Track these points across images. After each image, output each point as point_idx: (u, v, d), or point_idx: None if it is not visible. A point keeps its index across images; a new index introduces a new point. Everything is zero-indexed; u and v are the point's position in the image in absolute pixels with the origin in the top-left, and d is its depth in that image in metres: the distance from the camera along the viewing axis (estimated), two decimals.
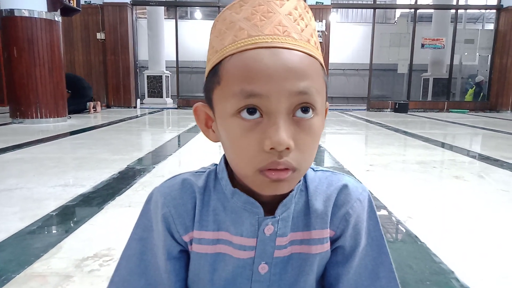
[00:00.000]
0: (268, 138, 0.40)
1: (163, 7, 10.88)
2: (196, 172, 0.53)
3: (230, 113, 0.41)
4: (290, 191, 0.49)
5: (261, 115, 0.41)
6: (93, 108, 6.82)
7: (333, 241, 0.52)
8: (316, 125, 0.43)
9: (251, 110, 0.41)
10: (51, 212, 1.54)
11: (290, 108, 0.40)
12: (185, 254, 0.53)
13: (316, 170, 0.54)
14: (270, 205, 0.49)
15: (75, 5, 5.50)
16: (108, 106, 7.46)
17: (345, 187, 0.52)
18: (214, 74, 0.44)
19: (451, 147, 3.63)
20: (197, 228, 0.50)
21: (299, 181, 0.50)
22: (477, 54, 9.35)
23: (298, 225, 0.50)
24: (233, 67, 0.41)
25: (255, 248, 0.50)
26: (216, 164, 0.54)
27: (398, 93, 13.96)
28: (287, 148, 0.40)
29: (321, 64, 0.45)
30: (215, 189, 0.51)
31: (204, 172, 0.53)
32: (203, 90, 0.47)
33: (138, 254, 0.51)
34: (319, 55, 0.44)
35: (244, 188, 0.48)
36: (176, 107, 9.24)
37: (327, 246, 0.52)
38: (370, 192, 1.99)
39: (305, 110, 0.41)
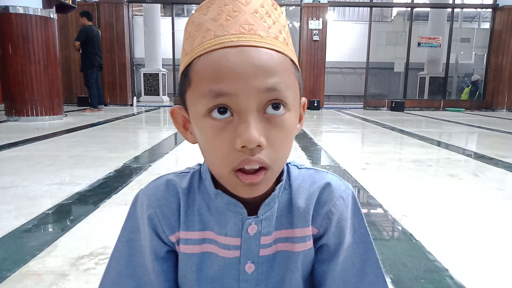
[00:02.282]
0: (239, 136, 0.40)
1: (159, 4, 10.84)
2: (180, 173, 0.53)
3: (202, 113, 0.42)
4: (272, 191, 0.49)
5: (232, 114, 0.41)
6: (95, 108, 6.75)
7: (316, 239, 0.52)
8: (288, 121, 0.43)
9: (222, 110, 0.41)
10: (47, 210, 1.53)
11: (260, 106, 0.41)
12: (173, 254, 0.53)
13: (300, 168, 0.54)
14: (254, 204, 0.49)
15: (70, 2, 5.46)
16: (104, 104, 7.44)
17: (328, 185, 0.52)
18: (185, 76, 0.44)
19: (447, 146, 3.65)
20: (183, 229, 0.50)
21: (282, 180, 0.50)
22: (473, 53, 9.39)
23: (282, 223, 0.51)
24: (202, 68, 0.41)
25: (240, 247, 0.50)
26: (200, 164, 0.54)
27: (394, 91, 14.02)
28: (259, 146, 0.40)
29: (292, 60, 0.44)
30: (200, 189, 0.51)
31: (188, 172, 0.53)
32: (177, 93, 0.48)
33: (126, 256, 0.51)
34: (289, 51, 0.44)
35: (226, 190, 0.48)
36: (173, 105, 9.21)
37: (309, 244, 0.52)
38: (366, 190, 1.99)
39: (275, 106, 0.41)
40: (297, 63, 0.46)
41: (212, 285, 0.53)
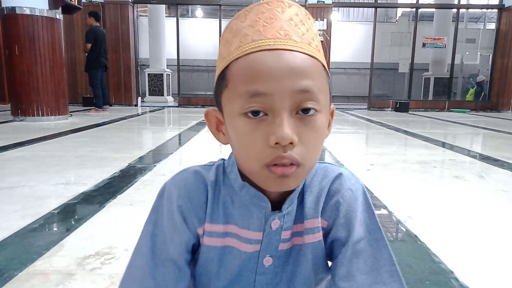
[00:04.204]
0: (273, 133, 0.42)
1: (164, 5, 10.87)
2: (204, 166, 0.55)
3: (237, 112, 0.44)
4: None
5: (266, 113, 0.43)
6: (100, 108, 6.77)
7: (327, 232, 0.53)
8: (320, 122, 0.45)
9: (255, 112, 0.43)
10: (53, 210, 1.54)
11: (293, 106, 0.43)
12: (195, 249, 0.54)
13: None
14: (276, 200, 0.51)
15: (76, 3, 5.50)
16: (109, 104, 7.46)
17: (338, 177, 0.54)
18: (222, 78, 0.46)
19: (452, 147, 3.63)
20: (208, 221, 0.52)
21: None
22: (479, 53, 9.33)
23: (298, 217, 0.52)
24: (239, 69, 0.44)
25: (261, 241, 0.52)
26: (223, 159, 0.55)
27: (399, 92, 13.95)
28: (291, 143, 0.42)
29: (323, 66, 0.47)
30: (224, 183, 0.53)
31: (212, 165, 0.55)
32: (213, 95, 0.50)
33: (149, 253, 0.51)
34: (321, 57, 0.46)
35: (252, 184, 0.50)
36: (177, 105, 9.24)
37: (319, 236, 0.53)
38: (371, 192, 1.98)
39: (308, 108, 0.43)
40: (327, 70, 0.48)
41: (230, 278, 0.54)
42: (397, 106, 8.74)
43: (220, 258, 0.53)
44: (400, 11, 15.08)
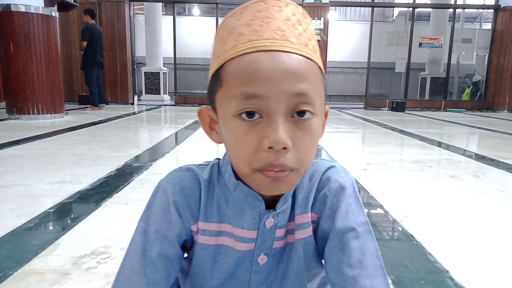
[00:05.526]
0: (267, 137, 0.41)
1: (161, 3, 10.84)
2: (200, 165, 0.55)
3: (232, 114, 0.43)
4: None
5: (261, 116, 0.42)
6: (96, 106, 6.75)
7: (317, 225, 0.53)
8: (315, 125, 0.44)
9: (250, 113, 0.42)
10: (49, 209, 1.54)
11: (289, 109, 0.42)
12: (187, 246, 0.55)
13: None
14: (270, 198, 0.51)
15: (72, 1, 5.46)
16: (105, 103, 7.44)
17: (327, 171, 0.54)
18: (217, 77, 0.45)
19: (448, 147, 3.65)
20: (202, 220, 0.52)
21: None
22: (475, 53, 9.37)
23: (290, 215, 0.53)
24: (234, 70, 0.43)
25: (255, 240, 0.52)
26: (218, 159, 0.55)
27: (395, 91, 14.00)
28: (285, 148, 0.41)
29: (319, 67, 0.46)
30: (218, 182, 0.53)
31: (207, 165, 0.55)
32: (207, 93, 0.49)
33: (141, 250, 0.51)
34: (317, 58, 0.46)
35: (246, 183, 0.50)
36: (174, 104, 9.22)
37: (309, 231, 0.53)
38: (367, 191, 1.98)
39: (303, 111, 0.43)
40: (323, 71, 0.47)
41: (225, 276, 0.54)
42: (394, 105, 8.77)
43: (214, 257, 0.53)
44: (397, 10, 15.12)
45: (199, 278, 0.55)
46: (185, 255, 0.58)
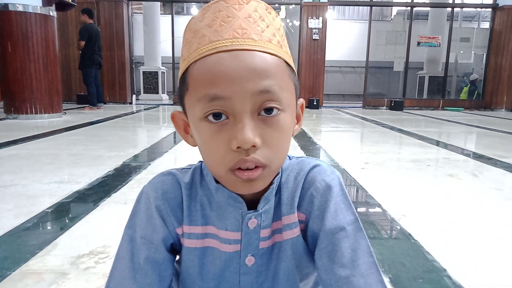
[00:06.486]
0: (234, 138, 0.41)
1: (159, 2, 10.82)
2: (182, 169, 0.55)
3: (199, 117, 0.43)
4: (270, 184, 0.50)
5: (227, 117, 0.42)
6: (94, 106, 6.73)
7: (305, 225, 0.53)
8: (283, 122, 0.44)
9: (217, 115, 0.42)
10: (46, 209, 1.53)
11: (255, 108, 0.42)
12: (172, 256, 0.54)
13: (291, 158, 0.55)
14: (252, 199, 0.51)
15: (70, 0, 5.45)
16: (103, 102, 7.43)
17: (312, 169, 0.53)
18: (183, 81, 0.45)
19: (446, 145, 3.65)
20: (186, 223, 0.52)
21: (278, 173, 0.51)
22: (473, 52, 9.39)
23: (276, 215, 0.52)
24: (197, 72, 0.43)
25: (240, 241, 0.51)
26: (201, 162, 0.55)
27: (393, 91, 14.02)
28: (254, 146, 0.41)
29: (286, 62, 0.45)
30: (202, 185, 0.52)
31: (190, 169, 0.55)
32: (178, 97, 0.49)
33: (129, 256, 0.51)
34: (283, 53, 0.45)
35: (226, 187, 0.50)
36: (172, 103, 9.21)
37: (296, 231, 0.52)
38: (365, 190, 1.99)
39: (270, 108, 0.42)
40: (292, 65, 0.47)
41: (214, 279, 0.54)
42: (392, 104, 8.78)
43: (201, 259, 0.53)
44: (395, 9, 15.12)
45: (189, 281, 0.55)
46: (177, 257, 0.57)
